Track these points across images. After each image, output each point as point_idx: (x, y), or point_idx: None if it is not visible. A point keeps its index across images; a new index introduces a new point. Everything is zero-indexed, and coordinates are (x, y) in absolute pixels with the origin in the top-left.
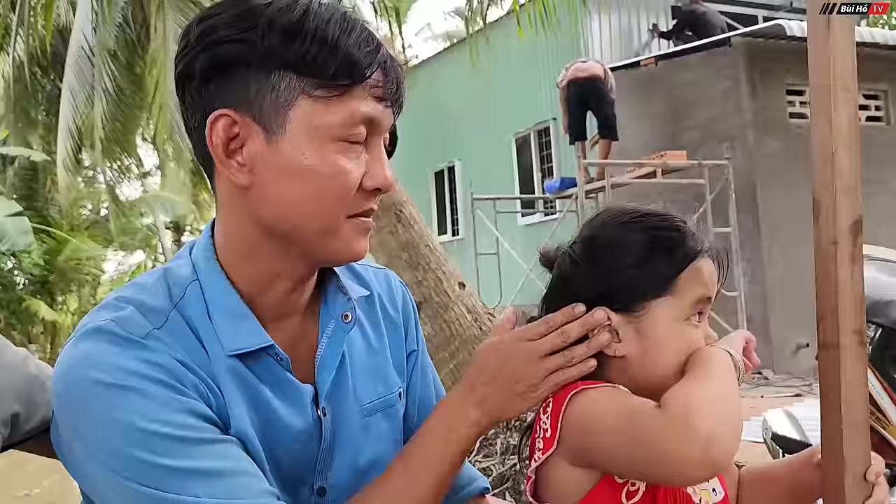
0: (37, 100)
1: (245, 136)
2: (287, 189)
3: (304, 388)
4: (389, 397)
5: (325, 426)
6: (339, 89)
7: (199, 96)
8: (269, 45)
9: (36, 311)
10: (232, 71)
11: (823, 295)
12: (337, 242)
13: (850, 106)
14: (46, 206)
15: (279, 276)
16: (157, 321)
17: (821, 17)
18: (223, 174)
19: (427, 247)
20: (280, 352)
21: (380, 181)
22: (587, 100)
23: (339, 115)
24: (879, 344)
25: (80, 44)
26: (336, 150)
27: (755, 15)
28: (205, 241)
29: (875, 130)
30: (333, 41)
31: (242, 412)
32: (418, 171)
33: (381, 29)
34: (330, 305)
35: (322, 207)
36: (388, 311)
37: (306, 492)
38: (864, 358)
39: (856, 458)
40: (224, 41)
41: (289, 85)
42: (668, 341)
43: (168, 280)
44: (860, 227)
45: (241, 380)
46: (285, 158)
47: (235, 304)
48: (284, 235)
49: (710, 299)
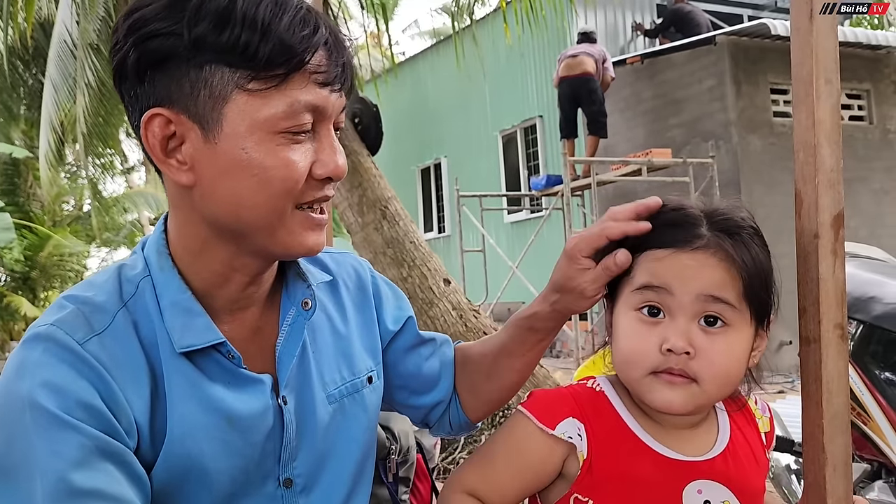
0: (18, 94)
1: (182, 135)
2: (230, 186)
3: (259, 379)
4: (356, 382)
5: (286, 415)
6: (274, 80)
7: (135, 95)
8: (197, 35)
9: (17, 307)
10: (163, 66)
11: (805, 288)
12: (286, 236)
13: (833, 99)
14: (28, 202)
15: (235, 271)
16: (101, 323)
17: (804, 11)
18: (165, 173)
19: (412, 243)
20: (231, 349)
21: (331, 169)
22: (578, 97)
23: (279, 106)
24: (861, 340)
25: (63, 37)
26: (279, 143)
27: (740, 14)
28: (157, 236)
29: (858, 130)
30: (264, 26)
31: (189, 411)
32: (404, 168)
33: (369, 26)
34: (290, 293)
35: (267, 201)
36: (354, 295)
37: (272, 485)
38: (846, 352)
39: (836, 452)
40: (153, 35)
41: (221, 79)
42: (619, 328)
43: (121, 277)
44: (842, 220)
45: (189, 379)
46: (225, 156)
47: (187, 300)
48: (234, 232)
49: (662, 292)
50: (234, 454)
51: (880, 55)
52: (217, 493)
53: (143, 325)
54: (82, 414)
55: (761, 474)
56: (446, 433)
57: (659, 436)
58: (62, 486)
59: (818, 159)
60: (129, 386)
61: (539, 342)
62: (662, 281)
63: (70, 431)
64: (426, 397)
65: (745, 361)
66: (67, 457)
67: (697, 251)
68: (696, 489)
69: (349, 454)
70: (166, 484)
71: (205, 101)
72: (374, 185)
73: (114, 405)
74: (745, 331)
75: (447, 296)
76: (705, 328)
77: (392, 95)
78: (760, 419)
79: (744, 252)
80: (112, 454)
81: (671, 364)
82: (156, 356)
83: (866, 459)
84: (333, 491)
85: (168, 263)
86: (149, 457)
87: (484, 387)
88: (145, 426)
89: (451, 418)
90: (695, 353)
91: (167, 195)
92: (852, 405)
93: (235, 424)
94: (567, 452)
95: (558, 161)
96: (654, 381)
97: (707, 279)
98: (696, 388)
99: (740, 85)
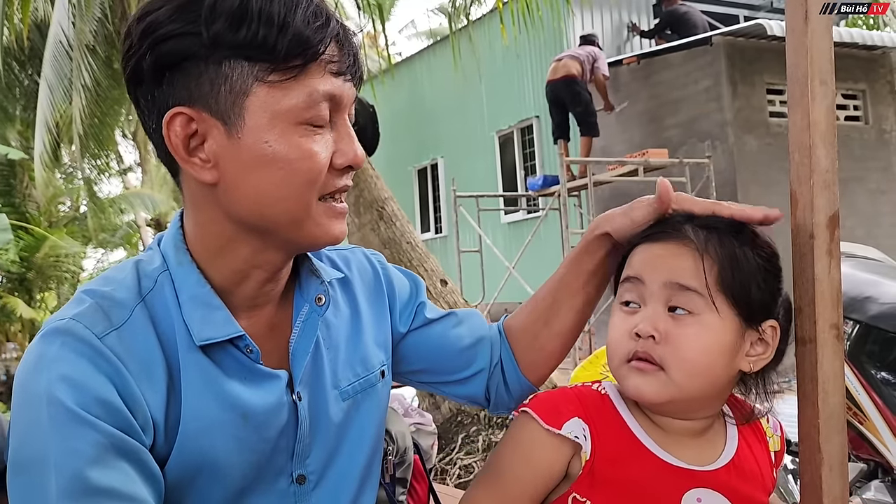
0: (14, 95)
1: (204, 132)
2: (256, 180)
3: (276, 374)
4: (370, 377)
5: (301, 412)
6: (293, 70)
7: (153, 98)
8: (215, 33)
9: (13, 308)
10: (181, 67)
11: (800, 288)
12: (313, 227)
13: (828, 100)
14: (24, 203)
15: (256, 268)
16: (120, 318)
17: (799, 11)
18: (188, 173)
19: (409, 244)
20: (250, 342)
21: (350, 157)
22: (562, 100)
23: (299, 97)
24: (857, 340)
25: (59, 37)
26: (301, 134)
27: (736, 15)
28: (173, 231)
29: (854, 130)
30: (280, 20)
31: (205, 406)
32: (401, 169)
33: (365, 26)
34: (304, 290)
35: (293, 193)
36: (366, 289)
37: (285, 482)
38: (841, 352)
39: (832, 452)
40: (168, 37)
41: (241, 73)
42: (609, 324)
43: (139, 271)
44: (837, 220)
45: (205, 373)
46: (249, 149)
47: (206, 294)
48: (260, 227)
49: (637, 282)
50: (247, 450)
51: (876, 55)
52: (228, 489)
53: (162, 320)
54: (99, 410)
55: (765, 492)
56: (507, 408)
57: (662, 441)
58: (77, 483)
59: (813, 160)
60: (146, 381)
61: (594, 273)
62: (636, 272)
63: (86, 428)
64: (464, 370)
65: (721, 356)
66: (83, 454)
67: (669, 242)
68: (696, 497)
69: (360, 450)
70: (179, 479)
71: (226, 96)
72: (371, 185)
73: (131, 401)
74: (717, 322)
75: (444, 296)
76: (673, 315)
77: (389, 96)
78: (771, 438)
79: (716, 244)
80: (127, 452)
81: (638, 348)
82: (173, 351)
83: (863, 459)
84: (345, 486)
85: (186, 258)
86: (163, 452)
87: (543, 336)
88: (161, 421)
89: (511, 386)
90: (660, 337)
91: (186, 195)
92: (849, 405)
93: (250, 420)
94: (572, 453)
95: (555, 161)
96: (628, 369)
97: (673, 267)
98: (664, 376)
99: (736, 85)
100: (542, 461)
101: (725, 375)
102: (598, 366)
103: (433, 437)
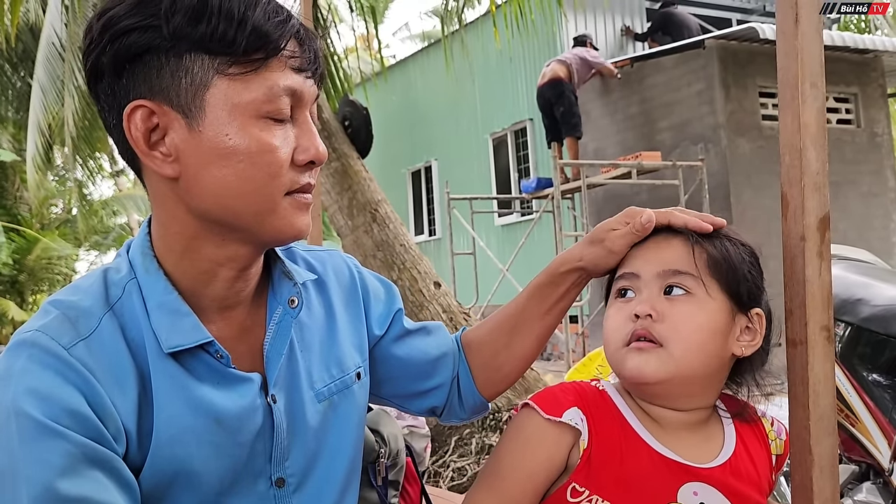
0: (6, 97)
1: (165, 125)
2: (217, 173)
3: (248, 378)
4: (345, 378)
5: (276, 414)
6: (253, 64)
7: (113, 92)
8: (175, 27)
9: (5, 311)
10: (141, 60)
11: (791, 290)
12: (277, 221)
13: (818, 102)
14: (16, 205)
15: (222, 266)
16: (87, 328)
17: (789, 15)
18: (150, 168)
19: (402, 246)
20: (219, 348)
21: (312, 154)
22: (549, 104)
23: (259, 90)
24: (848, 342)
25: (51, 39)
26: (261, 127)
27: (729, 18)
28: (141, 238)
29: (845, 133)
30: (240, 16)
31: (177, 413)
32: (394, 171)
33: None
34: (277, 292)
35: (256, 187)
36: (342, 292)
37: (264, 485)
38: (832, 354)
39: (823, 453)
40: (128, 30)
41: (202, 66)
42: (605, 318)
43: (107, 280)
44: (828, 223)
45: (176, 380)
46: (209, 142)
47: (174, 301)
48: (223, 222)
49: (632, 276)
50: (223, 454)
51: (867, 59)
52: (206, 494)
53: (131, 328)
54: (69, 421)
55: (762, 493)
56: (458, 418)
57: (659, 436)
58: (48, 494)
59: (804, 162)
60: (117, 390)
61: (558, 302)
62: (631, 267)
63: (56, 439)
64: (425, 383)
65: (715, 335)
66: (54, 464)
67: (659, 235)
68: (692, 490)
69: (341, 452)
70: (155, 486)
71: (186, 88)
72: (364, 187)
73: (101, 411)
74: (710, 303)
75: (437, 299)
76: (669, 297)
77: (382, 98)
78: (774, 441)
79: (704, 236)
80: (100, 461)
81: (637, 327)
82: (143, 359)
83: (854, 461)
84: (326, 489)
85: (153, 265)
86: (137, 460)
87: (502, 356)
88: (133, 430)
89: (465, 399)
90: (658, 316)
91: (149, 193)
92: (840, 407)
93: (224, 425)
94: (572, 442)
95: (548, 164)
96: (626, 351)
97: (666, 256)
98: (664, 352)
99: (729, 88)
100: (543, 451)
101: (719, 358)
102: (591, 368)
103: (426, 439)
